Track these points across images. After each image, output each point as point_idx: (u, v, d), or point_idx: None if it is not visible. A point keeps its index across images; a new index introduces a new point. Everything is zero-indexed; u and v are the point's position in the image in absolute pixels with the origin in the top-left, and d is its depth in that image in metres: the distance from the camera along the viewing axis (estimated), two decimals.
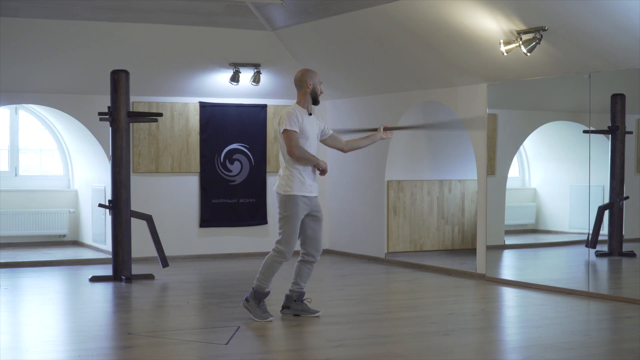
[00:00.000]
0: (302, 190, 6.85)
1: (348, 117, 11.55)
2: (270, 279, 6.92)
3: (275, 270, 6.91)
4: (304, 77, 6.98)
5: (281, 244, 6.86)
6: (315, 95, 6.99)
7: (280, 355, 6.05)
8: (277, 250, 6.87)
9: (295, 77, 7.06)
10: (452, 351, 6.03)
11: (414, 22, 8.83)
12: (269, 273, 6.90)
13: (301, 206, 6.85)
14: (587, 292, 8.28)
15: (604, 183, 9.05)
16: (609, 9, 7.21)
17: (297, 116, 6.86)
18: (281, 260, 6.88)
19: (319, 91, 7.00)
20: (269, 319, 6.87)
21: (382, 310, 7.66)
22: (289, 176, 6.85)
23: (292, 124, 6.82)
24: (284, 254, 6.86)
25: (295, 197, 6.83)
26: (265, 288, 6.92)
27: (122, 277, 9.23)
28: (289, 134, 6.81)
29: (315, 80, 6.98)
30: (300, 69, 7.15)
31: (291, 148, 6.81)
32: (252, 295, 6.92)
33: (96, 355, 5.85)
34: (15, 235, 12.22)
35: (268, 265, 6.90)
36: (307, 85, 6.96)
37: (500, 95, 9.35)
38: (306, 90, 6.96)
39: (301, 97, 6.99)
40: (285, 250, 6.85)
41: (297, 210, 6.84)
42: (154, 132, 11.11)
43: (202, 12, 9.97)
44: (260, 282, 6.90)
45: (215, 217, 11.44)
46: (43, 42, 9.91)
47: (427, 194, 11.21)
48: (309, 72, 7.03)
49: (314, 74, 7.02)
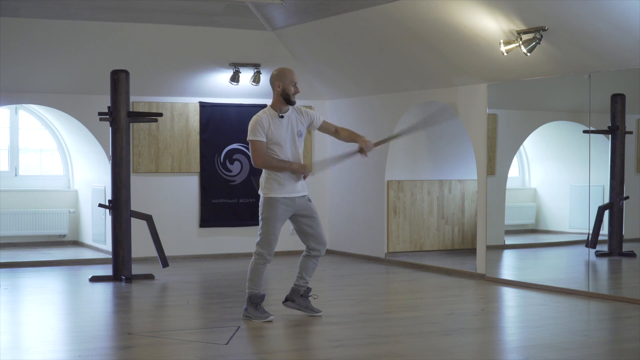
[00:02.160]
0: (281, 192, 6.80)
1: (348, 117, 11.54)
2: (259, 282, 6.89)
3: (261, 273, 6.88)
4: (273, 79, 6.87)
5: (260, 246, 6.85)
6: (287, 96, 6.83)
7: (280, 355, 6.05)
8: (257, 253, 6.86)
9: (270, 77, 6.98)
10: (452, 351, 6.03)
11: (414, 22, 8.83)
12: (256, 276, 6.87)
13: (281, 208, 6.80)
14: (587, 292, 8.28)
15: (604, 183, 9.05)
16: (609, 9, 7.21)
17: (262, 124, 6.77)
18: (262, 262, 6.85)
19: (292, 91, 6.83)
20: (269, 319, 6.86)
21: (382, 310, 7.66)
22: (267, 179, 6.83)
23: (255, 133, 6.78)
24: (263, 255, 6.84)
25: (273, 199, 6.79)
26: (258, 292, 6.90)
27: (122, 277, 9.24)
28: (253, 144, 6.78)
29: (285, 80, 6.82)
30: (276, 69, 7.01)
31: (254, 159, 6.79)
32: (248, 301, 6.92)
33: (96, 355, 5.85)
34: (15, 235, 12.22)
35: (252, 269, 6.88)
36: (277, 87, 6.85)
37: (500, 95, 9.35)
38: (277, 91, 6.86)
39: (274, 98, 6.89)
40: (264, 252, 6.84)
41: (275, 213, 6.79)
42: (154, 132, 11.10)
43: (202, 12, 9.97)
44: (250, 288, 6.89)
45: (215, 217, 11.44)
46: (43, 42, 9.91)
47: (427, 194, 11.21)
48: (280, 73, 6.87)
49: (285, 74, 6.84)
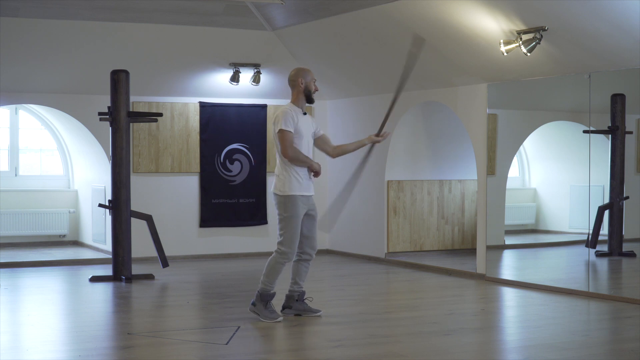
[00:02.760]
0: (300, 190, 6.84)
1: (348, 117, 11.54)
2: (274, 280, 6.91)
3: (279, 272, 6.91)
4: (297, 76, 6.95)
5: (283, 245, 6.84)
6: (309, 94, 6.95)
7: (280, 355, 6.05)
8: (280, 252, 6.86)
9: (289, 76, 7.03)
10: (452, 351, 6.03)
11: (414, 22, 8.83)
12: (273, 275, 6.89)
13: (300, 206, 6.85)
14: (587, 292, 8.28)
15: (604, 183, 9.05)
16: (609, 9, 7.21)
17: (293, 116, 6.84)
18: (284, 261, 6.87)
19: (313, 89, 6.97)
20: (277, 319, 6.86)
21: (382, 310, 7.66)
22: (287, 176, 6.83)
23: (287, 124, 6.80)
24: (287, 254, 6.85)
25: (294, 197, 6.82)
26: (270, 290, 6.91)
27: (122, 277, 9.24)
28: (284, 134, 6.78)
29: (308, 78, 6.94)
30: (294, 68, 7.12)
31: (285, 148, 6.78)
32: (259, 298, 6.91)
33: (96, 355, 5.85)
34: (15, 235, 12.22)
35: (271, 267, 6.89)
36: (300, 84, 6.93)
37: (500, 95, 9.35)
38: (299, 89, 6.94)
39: (295, 96, 6.97)
40: (288, 251, 6.84)
41: (297, 211, 6.83)
42: (154, 132, 11.10)
43: (202, 12, 9.97)
44: (264, 284, 6.89)
45: (215, 217, 11.44)
46: (43, 42, 9.91)
47: (427, 194, 11.21)
48: (302, 70, 7.00)
49: (307, 72, 6.98)
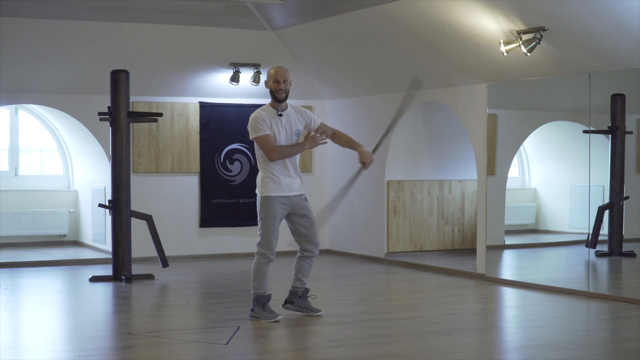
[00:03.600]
0: (278, 190, 6.80)
1: (348, 117, 11.54)
2: (263, 282, 6.89)
3: (265, 273, 6.88)
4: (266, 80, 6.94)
5: (260, 246, 6.85)
6: (272, 94, 6.83)
7: (280, 356, 6.05)
8: (259, 253, 6.86)
9: None
10: (452, 351, 6.03)
11: (414, 22, 8.83)
12: (260, 277, 6.87)
13: (278, 206, 6.81)
14: (587, 292, 8.28)
15: (604, 183, 9.05)
16: (609, 9, 7.21)
17: (264, 119, 6.77)
18: (265, 261, 6.85)
19: (273, 88, 6.79)
20: (276, 319, 6.86)
21: (382, 310, 7.66)
22: (264, 177, 6.82)
23: (258, 129, 6.75)
24: (265, 255, 6.84)
25: (270, 197, 6.80)
26: (264, 292, 6.90)
27: (122, 277, 9.24)
28: (260, 139, 6.75)
29: (269, 79, 6.85)
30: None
31: (268, 153, 6.75)
32: (255, 302, 6.91)
33: (96, 355, 5.85)
34: (15, 235, 12.22)
35: (255, 269, 6.89)
36: (266, 85, 6.91)
37: (500, 95, 9.35)
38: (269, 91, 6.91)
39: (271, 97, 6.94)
40: (265, 251, 6.84)
41: (273, 212, 6.79)
42: (154, 132, 11.10)
43: (202, 12, 9.97)
44: (255, 289, 6.89)
45: (215, 217, 11.44)
46: (43, 42, 9.91)
47: (427, 194, 11.21)
48: (268, 72, 6.93)
49: (269, 73, 6.88)
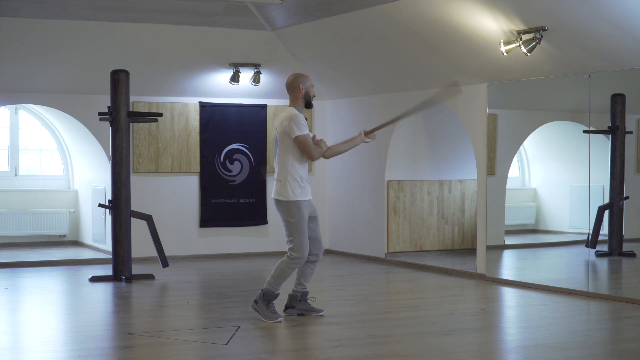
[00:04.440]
0: (303, 194, 6.86)
1: (348, 117, 11.54)
2: (281, 283, 6.93)
3: (289, 275, 6.93)
4: (296, 82, 6.91)
5: (295, 251, 6.85)
6: (309, 99, 6.94)
7: (281, 355, 6.05)
8: (292, 257, 6.86)
9: (287, 81, 6.99)
10: (452, 351, 6.03)
11: (414, 22, 8.83)
12: (282, 278, 6.90)
13: (305, 211, 6.87)
14: (587, 292, 8.28)
15: (604, 183, 9.05)
16: (609, 9, 7.21)
17: (304, 117, 6.84)
18: (296, 266, 6.90)
19: (312, 95, 6.95)
20: (278, 320, 6.87)
21: (382, 310, 7.66)
22: (291, 182, 6.82)
23: (302, 127, 6.78)
24: (299, 260, 6.87)
25: (299, 202, 6.84)
26: (275, 291, 6.93)
27: (122, 277, 9.23)
28: (304, 137, 6.77)
29: (307, 84, 6.91)
30: (293, 73, 7.09)
31: (311, 152, 6.79)
32: (262, 297, 6.91)
33: (96, 355, 5.86)
34: (15, 235, 12.21)
35: (282, 270, 6.89)
36: (300, 89, 6.90)
37: (500, 95, 9.35)
38: (298, 95, 6.90)
39: (294, 101, 6.93)
40: (300, 256, 6.86)
41: (303, 216, 6.85)
42: (154, 132, 11.10)
43: (202, 12, 9.97)
44: (271, 285, 6.90)
45: (215, 217, 11.44)
46: (43, 42, 9.91)
47: (427, 194, 11.21)
48: (301, 76, 6.96)
49: (306, 78, 6.95)
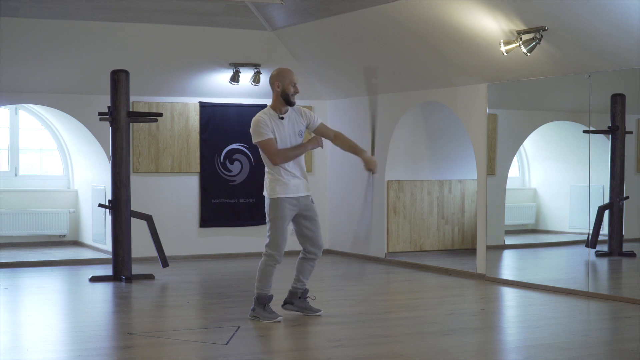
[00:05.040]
0: (287, 192, 6.79)
1: (348, 117, 11.54)
2: (268, 283, 6.90)
3: (271, 274, 6.89)
4: (272, 79, 6.84)
5: (269, 247, 6.84)
6: (286, 97, 6.80)
7: (280, 356, 6.05)
8: (267, 254, 6.85)
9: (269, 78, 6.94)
10: (452, 351, 6.03)
11: (414, 22, 8.83)
12: (265, 277, 6.88)
13: (287, 208, 6.80)
14: (587, 292, 8.28)
15: (604, 183, 9.05)
16: (609, 9, 7.21)
17: (266, 121, 6.75)
18: (273, 263, 6.85)
19: (291, 91, 6.81)
20: (277, 319, 6.87)
21: (382, 310, 7.66)
22: (272, 179, 6.81)
23: (261, 134, 6.73)
24: (273, 257, 6.83)
25: (280, 199, 6.79)
26: (267, 293, 6.91)
27: (122, 277, 9.24)
28: (263, 143, 6.74)
29: (284, 81, 6.79)
30: (276, 69, 6.98)
31: (272, 157, 6.74)
32: (256, 302, 6.92)
33: (96, 355, 5.86)
34: (15, 235, 12.22)
35: (262, 270, 6.88)
36: (276, 87, 6.82)
37: (500, 95, 9.35)
38: (277, 92, 6.83)
39: (274, 99, 6.86)
40: (274, 253, 6.83)
41: (282, 213, 6.78)
42: (154, 132, 11.10)
43: (202, 12, 9.97)
44: (259, 289, 6.89)
45: (215, 217, 11.44)
46: (43, 42, 9.91)
47: (427, 194, 11.21)
48: (279, 73, 6.85)
49: (285, 74, 6.82)
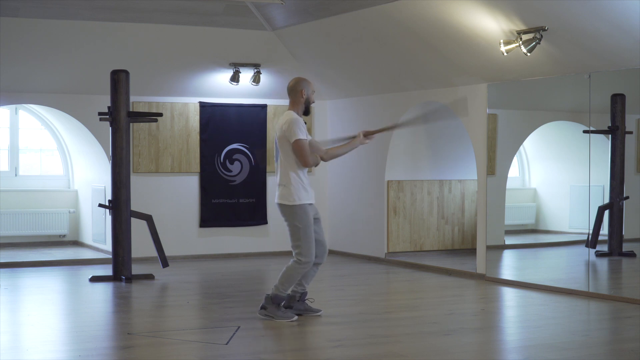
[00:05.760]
0: (309, 198, 6.87)
1: (348, 117, 11.54)
2: (290, 287, 6.94)
3: (297, 279, 6.93)
4: (299, 87, 6.89)
5: (302, 256, 6.84)
6: (308, 105, 6.93)
7: (280, 355, 6.05)
8: (300, 262, 6.85)
9: (289, 85, 6.96)
10: (452, 351, 6.03)
11: (414, 22, 8.83)
12: (290, 282, 6.91)
13: (310, 214, 6.87)
14: (587, 292, 8.28)
15: (604, 183, 9.05)
16: (609, 9, 7.21)
17: (303, 122, 6.83)
18: (305, 270, 6.89)
19: (312, 101, 6.95)
20: (293, 319, 6.88)
21: (382, 310, 7.66)
22: (295, 185, 6.81)
23: (302, 132, 6.77)
24: (307, 264, 6.87)
25: (304, 206, 6.83)
26: (284, 294, 6.94)
27: (122, 277, 9.23)
28: (302, 143, 6.74)
29: (309, 90, 6.91)
30: (296, 77, 7.08)
31: (305, 158, 6.75)
32: (269, 301, 6.92)
33: (96, 355, 5.86)
34: (15, 235, 12.22)
35: (289, 275, 6.89)
36: (302, 94, 6.88)
37: (500, 95, 9.35)
38: (299, 100, 6.89)
39: (294, 105, 6.91)
40: (308, 260, 6.85)
41: (309, 219, 6.84)
42: (154, 132, 11.10)
43: (202, 12, 9.97)
44: (279, 290, 6.91)
45: (215, 217, 11.44)
46: (43, 42, 9.91)
47: (427, 194, 11.21)
48: (304, 81, 6.94)
49: (308, 84, 6.93)
